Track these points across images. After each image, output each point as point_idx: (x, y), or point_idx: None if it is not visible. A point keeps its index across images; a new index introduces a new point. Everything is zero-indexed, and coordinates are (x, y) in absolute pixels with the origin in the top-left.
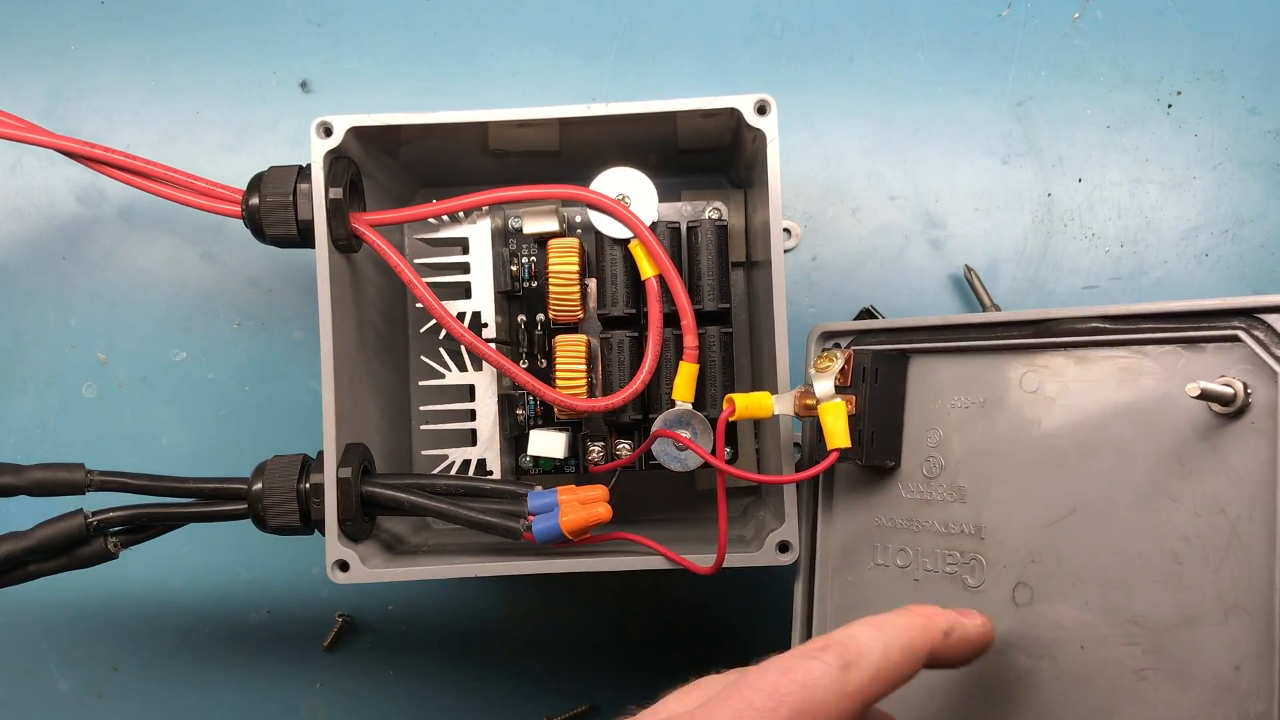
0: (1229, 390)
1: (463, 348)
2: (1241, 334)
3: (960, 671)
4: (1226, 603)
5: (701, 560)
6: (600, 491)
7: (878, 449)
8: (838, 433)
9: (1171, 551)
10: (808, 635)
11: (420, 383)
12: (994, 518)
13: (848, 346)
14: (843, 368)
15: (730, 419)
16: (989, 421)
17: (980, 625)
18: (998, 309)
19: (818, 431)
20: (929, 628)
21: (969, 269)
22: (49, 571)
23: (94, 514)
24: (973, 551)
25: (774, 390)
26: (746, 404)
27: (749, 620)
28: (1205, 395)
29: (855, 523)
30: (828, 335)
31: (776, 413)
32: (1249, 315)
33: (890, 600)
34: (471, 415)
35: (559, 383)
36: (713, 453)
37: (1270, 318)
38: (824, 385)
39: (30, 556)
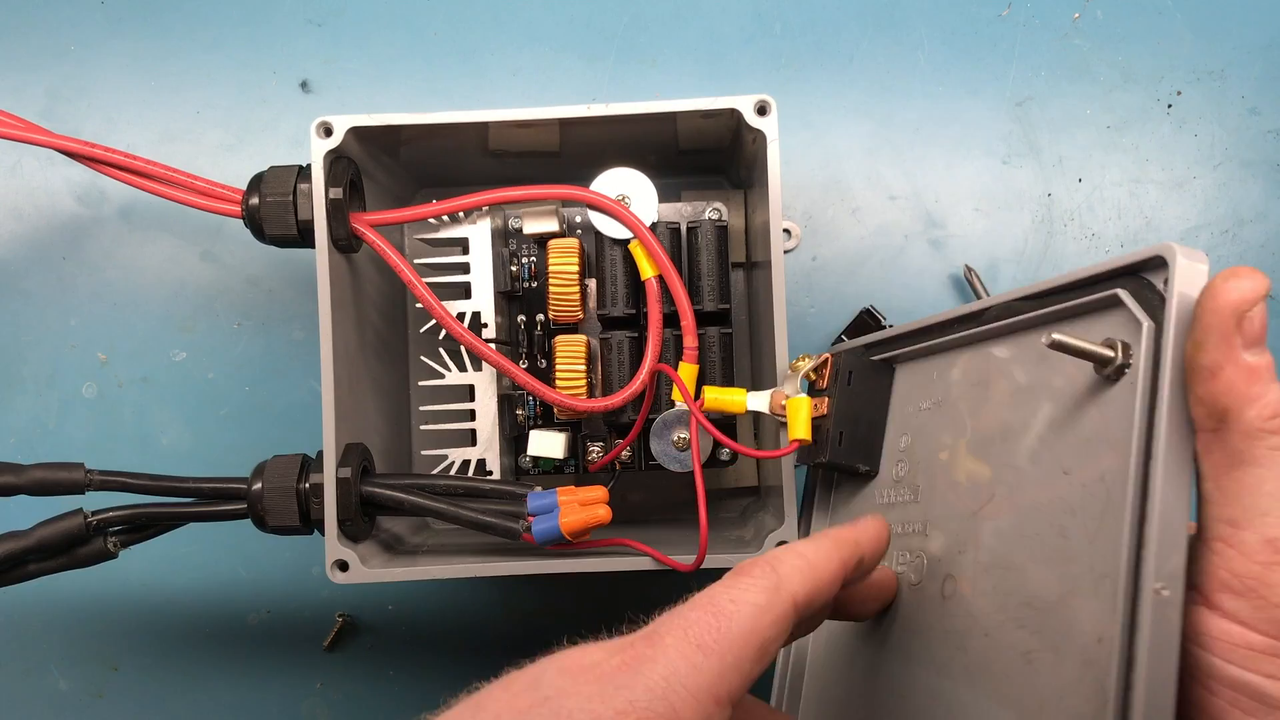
0: (1082, 344)
1: (462, 348)
2: (1120, 293)
3: (885, 670)
4: (1097, 572)
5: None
6: (600, 493)
7: (846, 450)
8: (798, 425)
9: (1060, 526)
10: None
11: (420, 383)
12: (935, 513)
13: (831, 350)
14: (818, 368)
15: (702, 409)
16: (938, 419)
17: (879, 539)
18: None
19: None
20: (842, 539)
21: (969, 269)
22: (48, 571)
23: (94, 513)
24: (919, 549)
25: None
26: (717, 397)
27: None
28: (1058, 346)
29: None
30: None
31: (750, 409)
32: (1133, 274)
33: None
34: (471, 415)
35: (559, 383)
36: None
37: (1149, 274)
38: (793, 383)
39: (30, 556)
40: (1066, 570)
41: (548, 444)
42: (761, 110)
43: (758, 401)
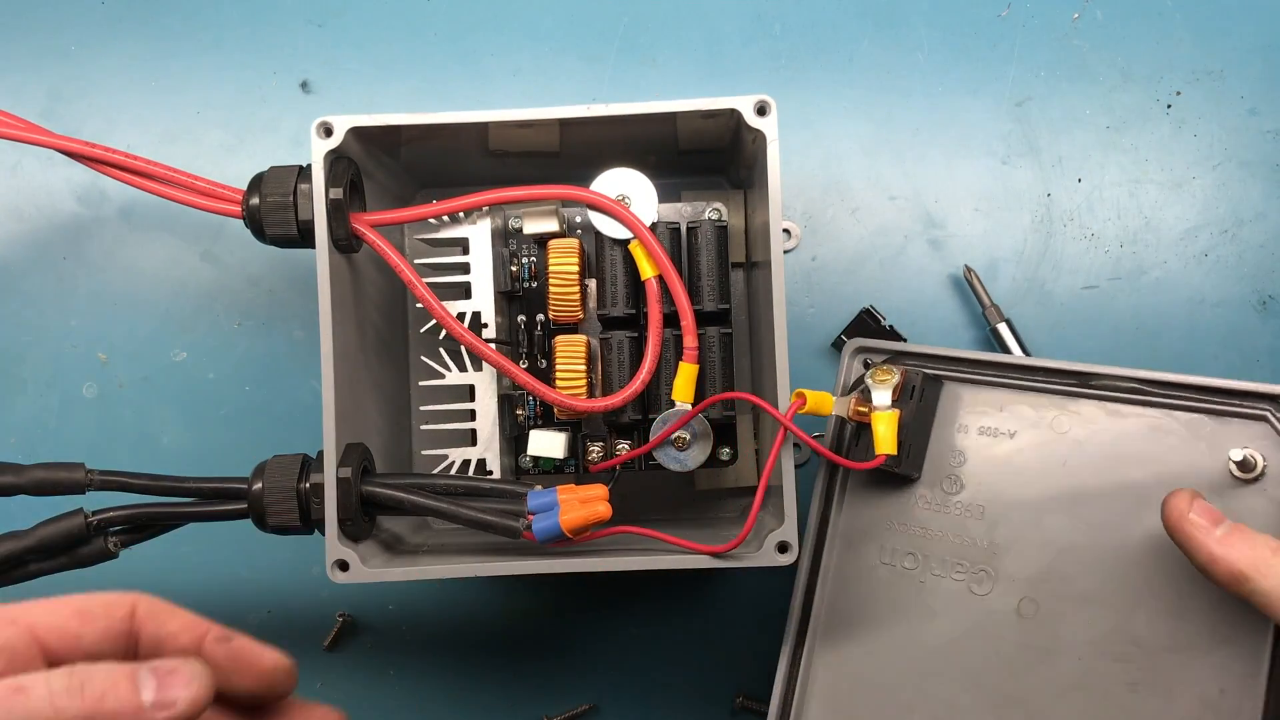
0: (1260, 461)
1: (463, 348)
2: (1270, 415)
3: (962, 669)
4: (1219, 635)
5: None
6: (600, 490)
7: (911, 461)
8: (887, 440)
9: (1179, 588)
10: (802, 632)
11: (420, 383)
12: (1008, 536)
13: (884, 364)
14: (897, 383)
15: (800, 411)
16: (1017, 452)
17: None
18: (997, 309)
19: (854, 434)
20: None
21: (969, 269)
22: (49, 571)
23: (94, 513)
24: (983, 564)
25: (774, 389)
26: (816, 400)
27: (747, 620)
28: (1243, 463)
29: (864, 525)
30: (862, 350)
31: (834, 413)
32: (1277, 400)
33: (893, 597)
34: (471, 415)
35: (559, 383)
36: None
37: None
38: (882, 396)
39: (30, 556)
40: (1181, 625)
41: (548, 444)
42: (761, 110)
43: (840, 406)
